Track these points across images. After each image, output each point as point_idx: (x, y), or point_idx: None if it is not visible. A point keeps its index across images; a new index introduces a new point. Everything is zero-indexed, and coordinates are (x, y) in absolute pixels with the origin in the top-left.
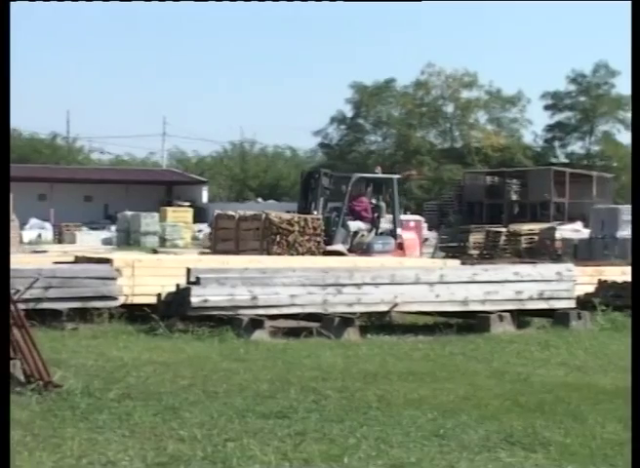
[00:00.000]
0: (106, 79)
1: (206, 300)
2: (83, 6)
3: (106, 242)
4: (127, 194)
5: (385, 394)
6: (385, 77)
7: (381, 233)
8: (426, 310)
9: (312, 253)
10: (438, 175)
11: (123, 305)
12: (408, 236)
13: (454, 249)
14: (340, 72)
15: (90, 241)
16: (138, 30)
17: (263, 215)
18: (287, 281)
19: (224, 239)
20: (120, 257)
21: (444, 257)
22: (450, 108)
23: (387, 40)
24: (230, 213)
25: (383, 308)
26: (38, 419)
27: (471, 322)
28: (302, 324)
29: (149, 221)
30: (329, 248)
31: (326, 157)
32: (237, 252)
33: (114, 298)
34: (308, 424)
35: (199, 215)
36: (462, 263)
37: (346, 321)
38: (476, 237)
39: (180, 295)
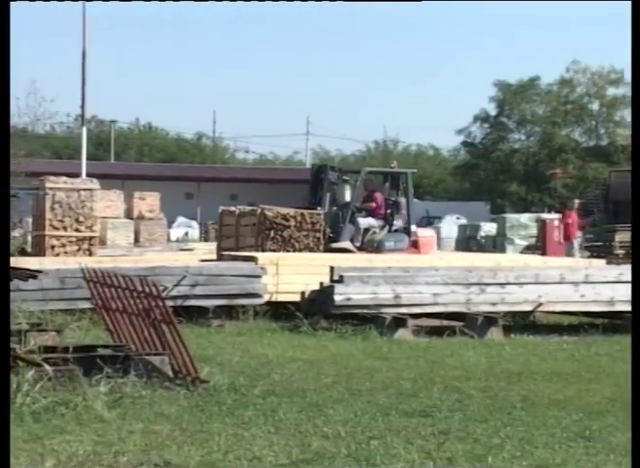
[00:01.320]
0: (252, 79)
1: (349, 299)
2: (231, 7)
3: None
4: (271, 193)
5: (530, 394)
6: (530, 75)
7: (395, 230)
8: (571, 310)
9: (311, 250)
10: (583, 173)
11: (267, 303)
12: (424, 233)
13: (599, 248)
14: (483, 71)
15: None
16: (282, 31)
17: (259, 210)
18: (430, 280)
19: (228, 236)
20: (265, 255)
21: (589, 257)
22: (595, 106)
23: (532, 38)
24: (232, 208)
25: (527, 308)
26: (186, 414)
27: (617, 322)
28: (445, 323)
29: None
30: (334, 245)
31: (469, 156)
32: (236, 249)
33: (259, 296)
34: (452, 423)
35: None
36: (608, 263)
37: (490, 320)
38: (622, 236)
39: (324, 294)
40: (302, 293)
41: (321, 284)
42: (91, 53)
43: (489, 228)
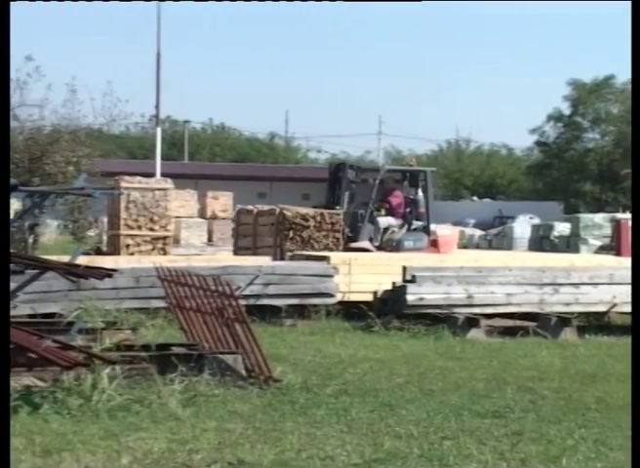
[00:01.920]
0: (323, 79)
1: (422, 298)
2: (302, 6)
3: None
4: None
5: (604, 395)
6: (605, 73)
7: (414, 229)
8: None
9: (330, 251)
10: None
11: (340, 302)
12: (443, 232)
13: None
14: (557, 69)
15: None
16: (353, 31)
17: (278, 210)
18: (503, 280)
19: (245, 235)
20: (337, 255)
21: None
22: None
23: (606, 36)
24: (249, 207)
25: (601, 308)
26: (259, 413)
27: None
28: (518, 323)
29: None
30: (353, 244)
31: (542, 155)
32: (254, 248)
33: (331, 295)
34: (525, 424)
35: None
36: None
37: (564, 321)
38: None
39: (396, 293)
40: (375, 293)
41: (393, 283)
42: (165, 53)
43: (562, 228)
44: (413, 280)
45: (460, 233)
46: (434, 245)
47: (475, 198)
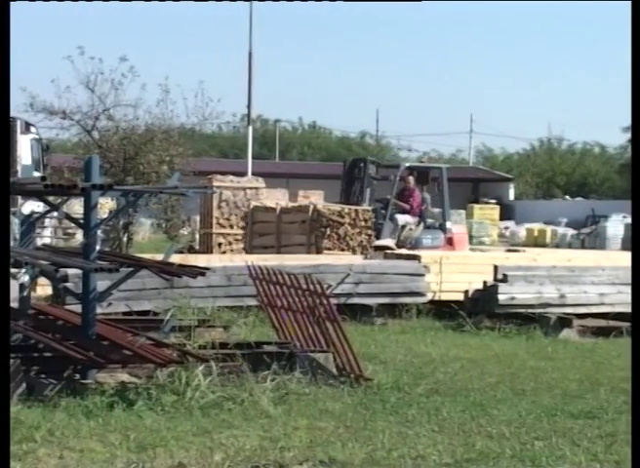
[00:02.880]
0: (415, 77)
1: (513, 298)
2: (391, 6)
3: None
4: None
5: None
6: None
7: (429, 227)
8: None
9: (364, 248)
10: None
11: (431, 301)
12: (457, 230)
13: None
14: None
15: None
16: (443, 30)
17: (311, 207)
18: (596, 279)
19: (262, 233)
20: (428, 254)
21: None
22: None
23: None
24: (269, 204)
25: None
26: (350, 411)
27: None
28: (612, 323)
29: (456, 218)
30: (377, 242)
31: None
32: (278, 247)
33: (422, 295)
34: (619, 426)
35: (505, 213)
36: None
37: None
38: None
39: (488, 292)
40: (466, 292)
41: (485, 283)
42: (257, 52)
43: None
44: (504, 279)
45: (552, 232)
46: (450, 242)
47: (567, 197)
